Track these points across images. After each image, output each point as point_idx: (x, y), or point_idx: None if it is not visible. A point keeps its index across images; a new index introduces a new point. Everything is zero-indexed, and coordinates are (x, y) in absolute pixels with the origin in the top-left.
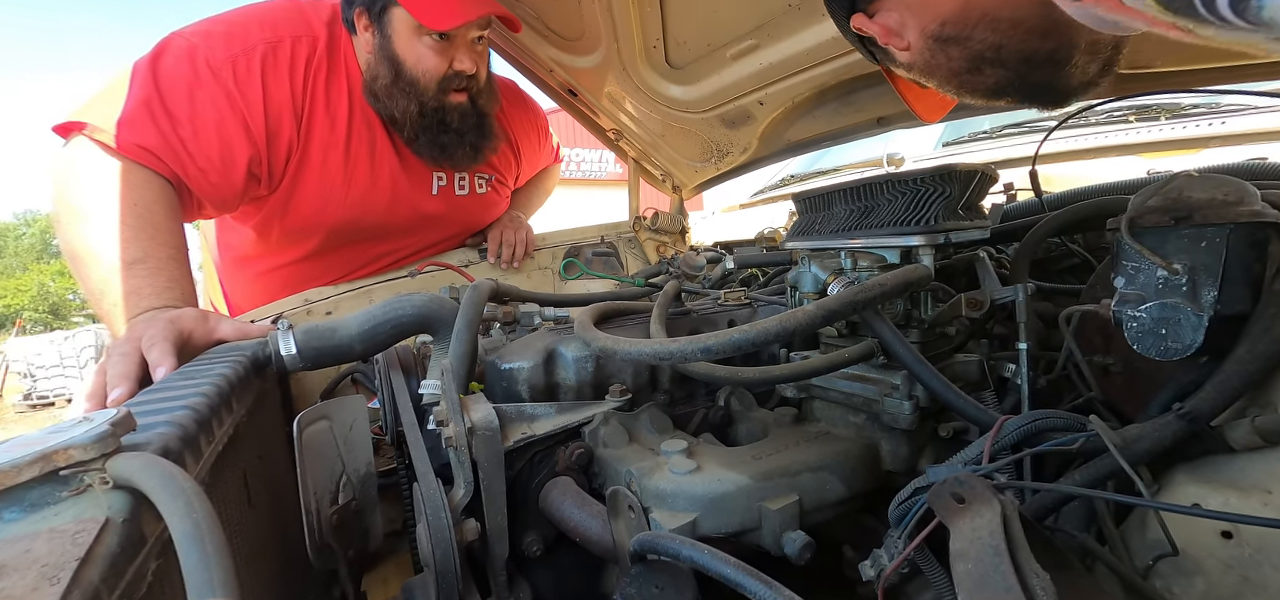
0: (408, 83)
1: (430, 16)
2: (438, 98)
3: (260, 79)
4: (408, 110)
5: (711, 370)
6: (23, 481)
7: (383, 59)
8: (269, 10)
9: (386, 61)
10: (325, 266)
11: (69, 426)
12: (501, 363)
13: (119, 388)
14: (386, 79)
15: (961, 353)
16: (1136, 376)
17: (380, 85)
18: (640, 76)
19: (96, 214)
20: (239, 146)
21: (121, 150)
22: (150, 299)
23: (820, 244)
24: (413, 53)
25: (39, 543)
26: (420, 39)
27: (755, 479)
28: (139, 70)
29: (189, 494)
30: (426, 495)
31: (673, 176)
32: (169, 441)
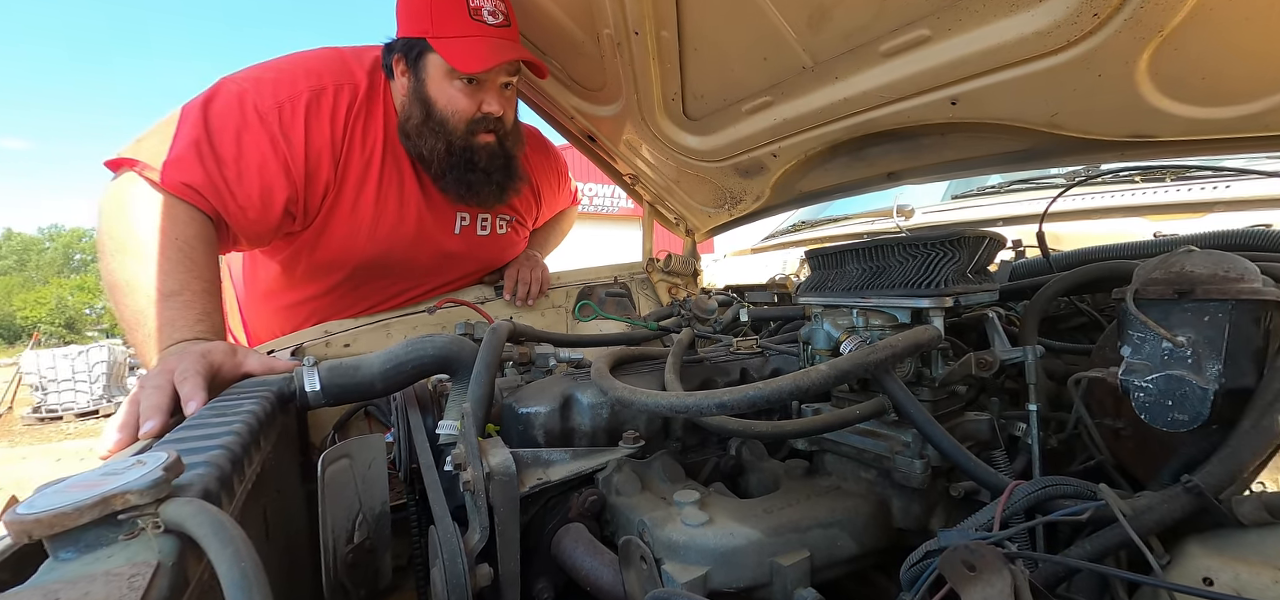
0: (438, 122)
1: (462, 61)
2: (466, 138)
3: (304, 124)
4: (436, 149)
5: (725, 422)
6: (79, 525)
7: (416, 100)
8: (316, 59)
9: (419, 102)
10: (347, 302)
11: (123, 468)
12: (519, 407)
13: (151, 421)
14: (418, 119)
15: (972, 410)
16: (1148, 441)
17: (412, 125)
18: (658, 126)
19: (138, 246)
20: (278, 187)
21: (167, 187)
22: (183, 330)
23: (833, 301)
24: (444, 94)
25: (97, 586)
26: (452, 82)
27: (767, 534)
28: (190, 112)
29: (237, 542)
30: (443, 540)
31: (686, 220)
32: (208, 483)
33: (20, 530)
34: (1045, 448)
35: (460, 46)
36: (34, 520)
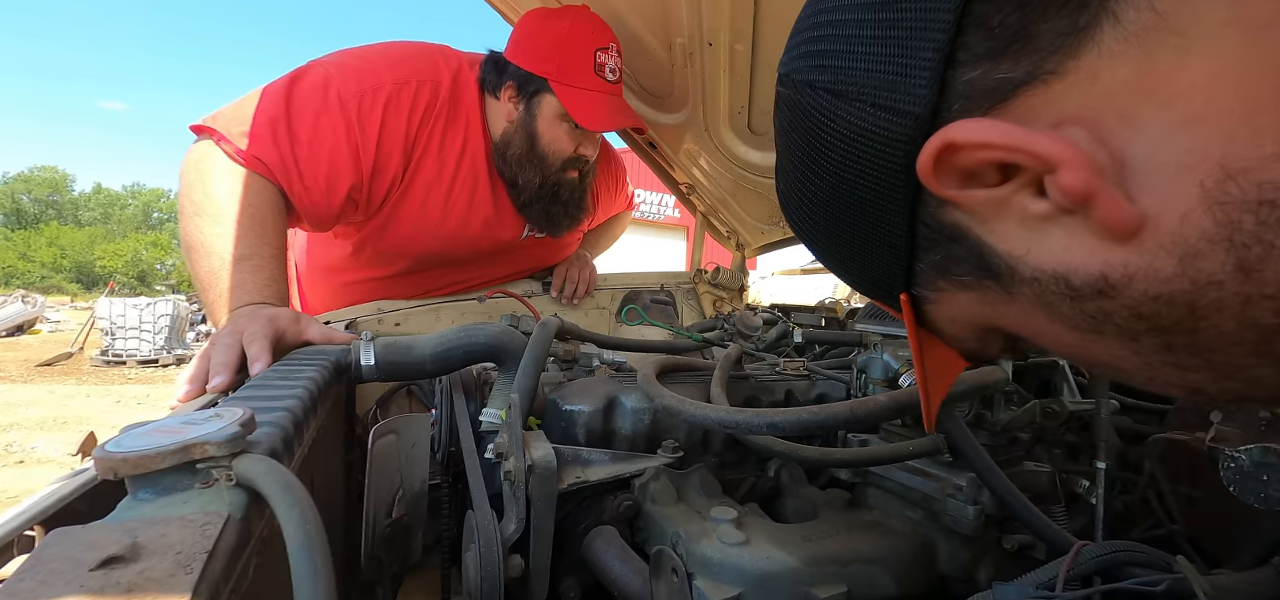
0: (538, 156)
1: (583, 116)
2: (557, 173)
3: (381, 116)
4: (531, 180)
5: (771, 443)
6: (161, 468)
7: (522, 131)
8: (404, 52)
9: (525, 134)
10: (405, 286)
11: (201, 420)
12: (563, 403)
13: (220, 376)
14: (520, 149)
15: (1032, 461)
16: (1226, 513)
17: (512, 152)
18: (720, 138)
19: (215, 211)
20: (345, 174)
21: (241, 158)
22: (253, 294)
23: (894, 331)
24: (551, 133)
25: (172, 529)
26: (560, 124)
27: (804, 563)
28: (275, 90)
29: (303, 505)
30: (480, 526)
31: (738, 234)
32: (275, 443)
33: (108, 467)
34: (1108, 509)
35: (582, 99)
36: (121, 459)
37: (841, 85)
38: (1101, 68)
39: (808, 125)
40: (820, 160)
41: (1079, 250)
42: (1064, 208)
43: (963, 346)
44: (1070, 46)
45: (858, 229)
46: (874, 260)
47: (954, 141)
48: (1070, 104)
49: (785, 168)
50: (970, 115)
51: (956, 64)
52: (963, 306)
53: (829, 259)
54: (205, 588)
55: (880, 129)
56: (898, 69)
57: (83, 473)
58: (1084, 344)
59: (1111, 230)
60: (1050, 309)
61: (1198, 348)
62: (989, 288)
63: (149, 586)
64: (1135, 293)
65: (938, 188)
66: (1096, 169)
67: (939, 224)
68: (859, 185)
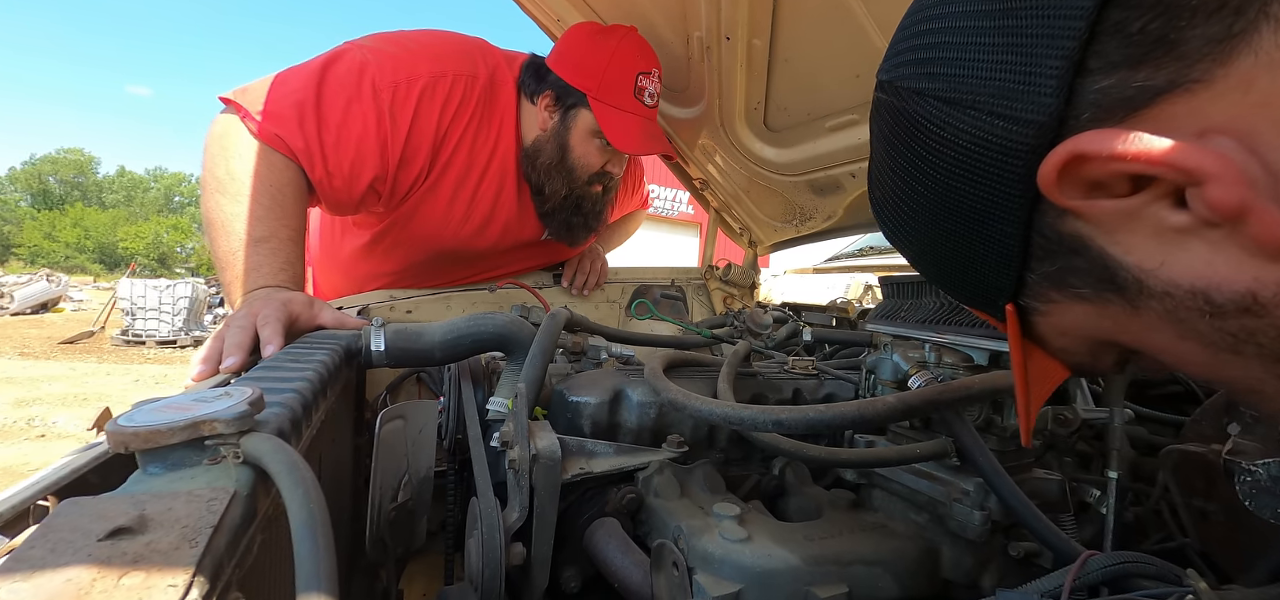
0: (567, 168)
1: (619, 138)
2: (583, 187)
3: (414, 108)
4: (557, 190)
5: (777, 441)
6: (170, 444)
7: (554, 141)
8: (443, 44)
9: (557, 145)
10: (420, 278)
11: (212, 398)
12: (570, 395)
13: (233, 357)
14: (551, 158)
15: (1042, 468)
16: (1239, 528)
17: (542, 161)
18: (735, 134)
19: (236, 189)
20: (369, 164)
21: (263, 137)
22: (268, 277)
23: (905, 332)
24: (582, 147)
25: (179, 503)
26: (593, 139)
27: (806, 562)
28: (309, 70)
29: (308, 484)
30: (484, 513)
31: (751, 231)
32: (283, 423)
33: (119, 440)
34: (1119, 520)
35: (619, 121)
36: (132, 433)
37: (955, 93)
38: (1258, 75)
39: (913, 133)
40: (926, 168)
41: (1224, 265)
42: (1208, 220)
43: (1071, 359)
44: (1221, 53)
45: (965, 238)
46: (981, 270)
47: (1084, 152)
48: (1218, 113)
49: (882, 174)
50: (1102, 125)
51: (1088, 72)
52: (1077, 319)
53: (927, 267)
54: (209, 561)
55: (997, 138)
56: (1021, 77)
57: (96, 446)
58: (1217, 363)
59: (1264, 246)
60: (1182, 324)
61: None
62: (1110, 300)
63: (154, 558)
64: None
65: (1060, 198)
66: (1249, 182)
67: (1057, 234)
68: (969, 194)
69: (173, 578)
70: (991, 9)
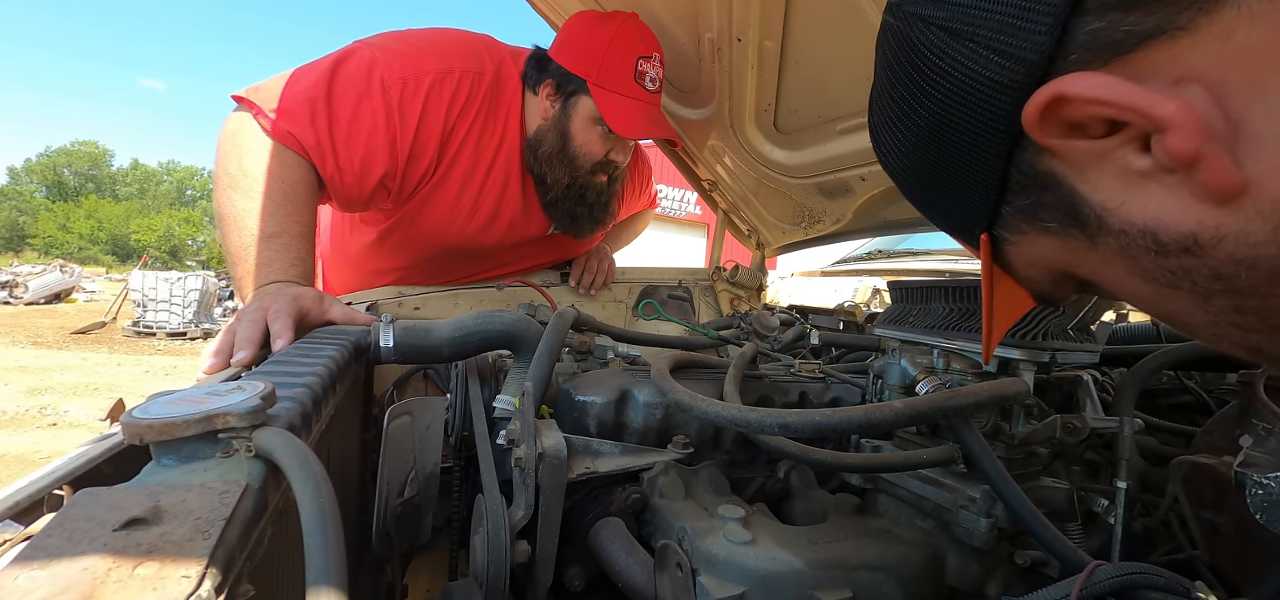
0: (569, 157)
1: (618, 123)
2: (586, 176)
3: (422, 105)
4: (559, 179)
5: (783, 444)
6: (184, 436)
7: (555, 129)
8: (450, 41)
9: (558, 133)
10: (429, 276)
11: (225, 391)
12: (576, 394)
13: (244, 351)
14: (552, 147)
15: (1049, 477)
16: (1249, 542)
17: (544, 150)
18: (745, 135)
19: (248, 186)
20: (379, 160)
21: (275, 135)
22: (279, 272)
23: (913, 337)
24: (584, 135)
25: (192, 495)
26: (594, 127)
27: (810, 565)
28: (320, 68)
29: (319, 479)
30: (490, 510)
31: (759, 233)
32: (293, 418)
33: (134, 432)
34: (1127, 530)
35: (619, 106)
36: (147, 425)
37: (957, 23)
38: (1237, 26)
39: (913, 59)
40: (921, 96)
41: (1174, 207)
42: (1166, 166)
43: (1035, 288)
44: (1208, 3)
45: (949, 168)
46: (962, 199)
47: (1066, 94)
48: (1195, 60)
49: (881, 100)
50: (1087, 67)
51: (1083, 11)
52: (1042, 250)
53: (913, 194)
54: (221, 554)
55: (990, 72)
56: (1019, 12)
57: (110, 437)
58: (1157, 296)
59: (1211, 192)
60: (1131, 261)
61: (1267, 311)
62: (1073, 235)
63: (168, 549)
64: (1221, 253)
65: (1040, 136)
66: (1208, 132)
67: (1033, 171)
68: (959, 125)
69: (186, 569)
70: None
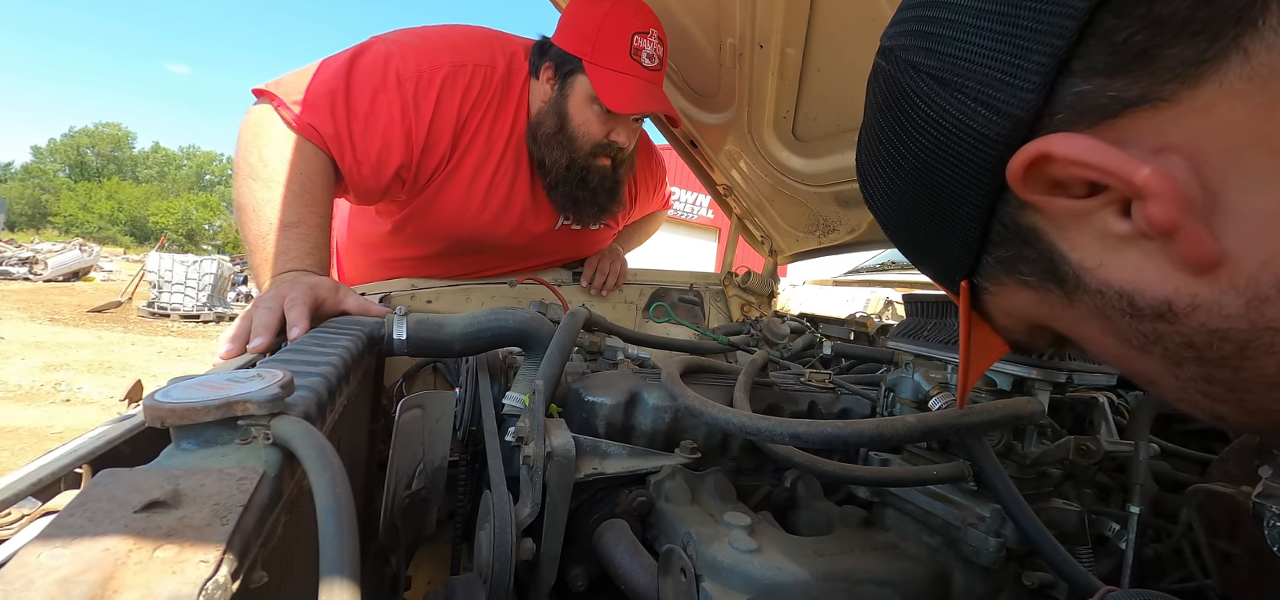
0: (567, 138)
1: (610, 98)
2: (587, 159)
3: (436, 97)
4: (557, 161)
5: (791, 453)
6: (204, 421)
7: (553, 111)
8: (463, 36)
9: (556, 114)
10: (440, 267)
11: (244, 379)
12: (586, 394)
13: (260, 338)
14: (550, 129)
15: (1060, 498)
16: (1264, 573)
17: (543, 132)
18: (762, 141)
19: (268, 175)
20: (396, 152)
21: (297, 126)
22: (296, 260)
23: (927, 352)
24: (580, 115)
25: (211, 480)
26: (591, 106)
27: (815, 577)
28: (337, 63)
29: (335, 470)
30: (496, 506)
31: (773, 240)
32: (309, 407)
33: (155, 415)
34: (1138, 556)
35: (612, 81)
36: (168, 409)
37: (946, 72)
38: (1219, 101)
39: (902, 105)
40: (909, 143)
41: (1151, 273)
42: (1145, 233)
43: (1011, 337)
44: (1191, 76)
45: (933, 214)
46: (944, 247)
47: (1050, 153)
48: (1177, 132)
49: (870, 141)
50: (1073, 128)
51: (1070, 73)
52: (1020, 302)
53: (897, 237)
54: (238, 539)
55: (977, 125)
56: (1007, 68)
57: (129, 418)
58: (1129, 357)
59: (1188, 262)
60: (1106, 321)
61: (1235, 384)
62: (1051, 290)
63: (187, 532)
64: (1193, 323)
65: (1023, 192)
66: (1186, 204)
67: (1015, 224)
68: (943, 175)
69: (204, 553)
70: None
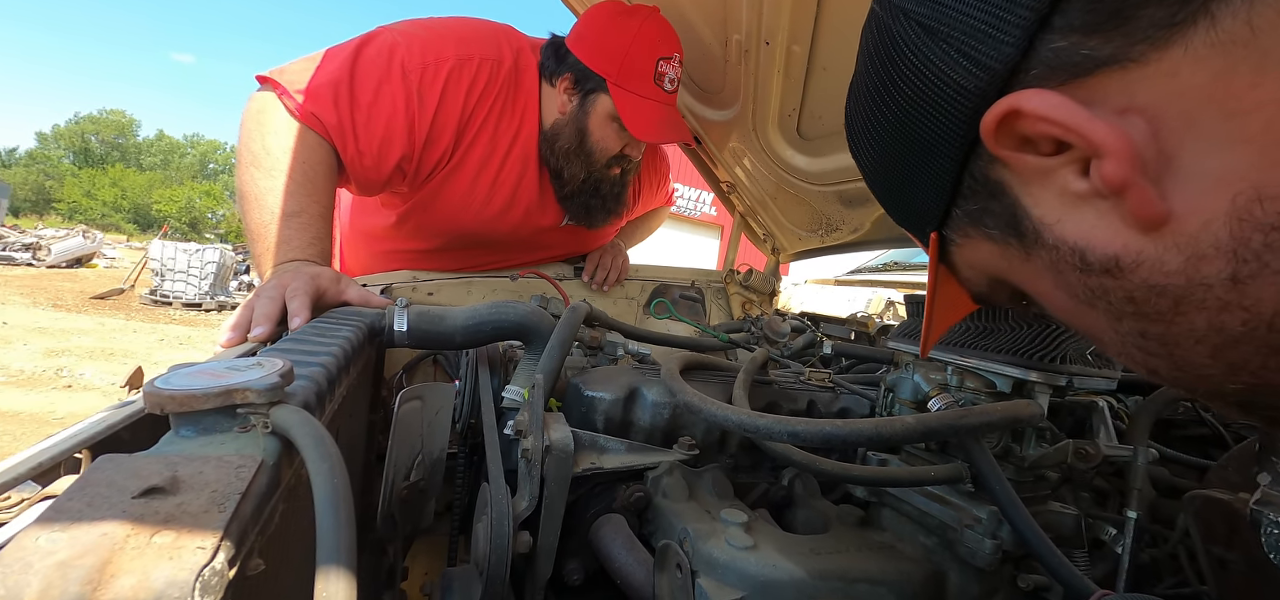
0: (586, 153)
1: (636, 126)
2: (601, 170)
3: (440, 90)
4: (575, 174)
5: (789, 452)
6: (204, 409)
7: (572, 125)
8: (469, 29)
9: (575, 129)
10: (442, 261)
11: (244, 367)
12: (585, 389)
13: (261, 327)
14: (569, 142)
15: (1057, 502)
16: (1258, 580)
17: (561, 145)
18: (767, 139)
19: (271, 164)
20: (397, 143)
21: (300, 115)
22: (298, 250)
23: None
24: (600, 131)
25: (209, 467)
26: (611, 124)
27: (810, 575)
28: (343, 52)
29: (333, 460)
30: (494, 499)
31: (775, 238)
32: (309, 397)
33: (155, 402)
34: (1134, 561)
35: (636, 106)
36: (168, 396)
37: (933, 20)
38: (1183, 65)
39: (891, 52)
40: (894, 91)
41: (1103, 230)
42: (1100, 192)
43: (973, 289)
44: (1160, 38)
45: (911, 164)
46: (918, 197)
47: (1021, 109)
48: (1142, 93)
49: (859, 90)
50: (1045, 85)
51: (1050, 28)
52: (983, 255)
53: (876, 184)
54: (235, 527)
55: (957, 76)
56: (991, 19)
57: (129, 405)
58: (1076, 311)
59: (1137, 220)
60: (1058, 275)
61: (1167, 338)
62: (1012, 244)
63: (185, 519)
64: (1136, 278)
65: (994, 146)
66: (1139, 163)
67: (985, 178)
68: (923, 123)
69: (201, 540)
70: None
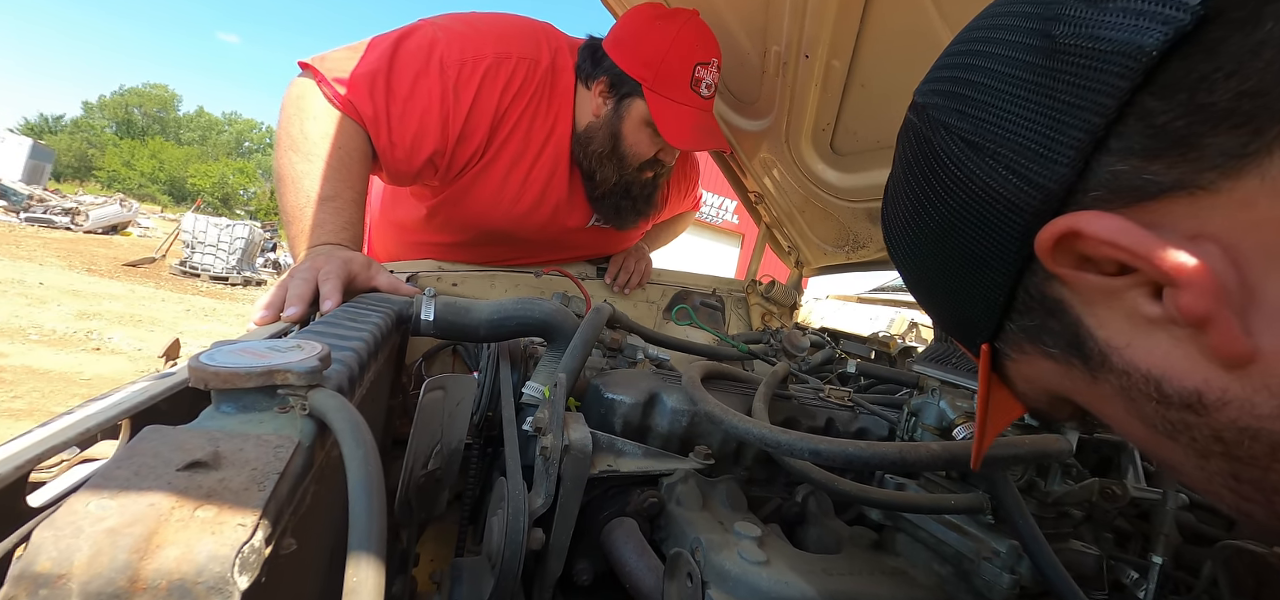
0: (619, 156)
1: (672, 132)
2: (634, 173)
3: (477, 87)
4: (608, 177)
5: (807, 469)
6: (245, 387)
7: (607, 129)
8: (509, 26)
9: (609, 133)
10: (468, 254)
11: (284, 348)
12: (606, 391)
13: (294, 308)
14: (603, 146)
15: (1079, 541)
16: None
17: (594, 148)
18: (799, 152)
19: (308, 149)
20: (430, 137)
21: (337, 103)
22: (331, 234)
23: (955, 380)
24: (635, 136)
25: (249, 445)
26: (645, 128)
27: (821, 595)
28: (384, 43)
29: (367, 446)
30: (511, 495)
31: (800, 251)
32: (341, 380)
33: (201, 377)
34: None
35: (673, 113)
36: (212, 372)
37: (978, 137)
38: (1260, 197)
39: (932, 164)
40: (936, 201)
41: (1180, 360)
42: (1175, 319)
43: (1031, 404)
44: (1232, 167)
45: (957, 276)
46: (966, 308)
47: (1081, 231)
48: (1215, 222)
49: (897, 195)
50: (1106, 207)
51: (1106, 151)
52: (1042, 372)
53: (920, 294)
54: (273, 506)
55: (1007, 193)
56: (1043, 140)
57: (169, 376)
58: (1155, 442)
59: (1220, 355)
60: (1131, 403)
61: (1264, 485)
62: (1075, 364)
63: (226, 495)
64: (1224, 418)
65: (1051, 264)
66: (1222, 294)
67: (1041, 295)
68: (969, 237)
69: (241, 517)
70: (1033, 63)
